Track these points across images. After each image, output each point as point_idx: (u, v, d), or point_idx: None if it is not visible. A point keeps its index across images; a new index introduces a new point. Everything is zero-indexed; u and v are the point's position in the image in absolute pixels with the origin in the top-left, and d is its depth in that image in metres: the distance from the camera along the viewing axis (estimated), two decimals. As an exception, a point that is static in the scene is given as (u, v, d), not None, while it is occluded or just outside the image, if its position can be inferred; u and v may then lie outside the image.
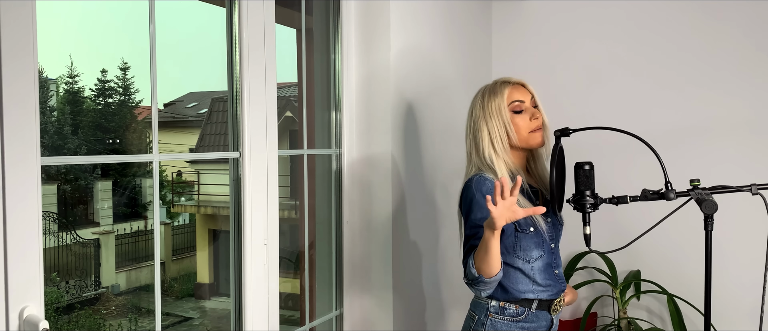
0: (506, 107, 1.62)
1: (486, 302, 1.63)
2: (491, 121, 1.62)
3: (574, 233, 2.14)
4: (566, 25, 2.82)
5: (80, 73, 13.26)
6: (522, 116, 1.62)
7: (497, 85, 1.66)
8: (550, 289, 1.64)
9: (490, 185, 1.58)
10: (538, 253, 1.62)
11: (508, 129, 1.61)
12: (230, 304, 1.76)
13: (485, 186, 1.57)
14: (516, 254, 1.61)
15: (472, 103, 1.71)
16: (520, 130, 1.62)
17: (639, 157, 2.54)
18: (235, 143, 1.73)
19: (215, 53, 16.45)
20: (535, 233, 1.61)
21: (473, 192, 1.58)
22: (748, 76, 2.47)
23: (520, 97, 1.63)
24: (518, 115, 1.62)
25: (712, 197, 1.44)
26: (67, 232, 9.58)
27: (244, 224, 1.70)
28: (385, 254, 2.15)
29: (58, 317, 8.36)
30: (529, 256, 1.61)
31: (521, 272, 1.61)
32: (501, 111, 1.62)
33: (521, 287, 1.61)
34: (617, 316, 2.60)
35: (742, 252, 2.46)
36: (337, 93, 2.18)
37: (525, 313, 1.62)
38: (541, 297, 1.62)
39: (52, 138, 10.81)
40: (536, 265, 1.61)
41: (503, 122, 1.61)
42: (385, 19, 2.12)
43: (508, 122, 1.61)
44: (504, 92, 1.63)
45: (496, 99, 1.63)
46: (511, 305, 1.61)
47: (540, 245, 1.62)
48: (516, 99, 1.62)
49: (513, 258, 1.61)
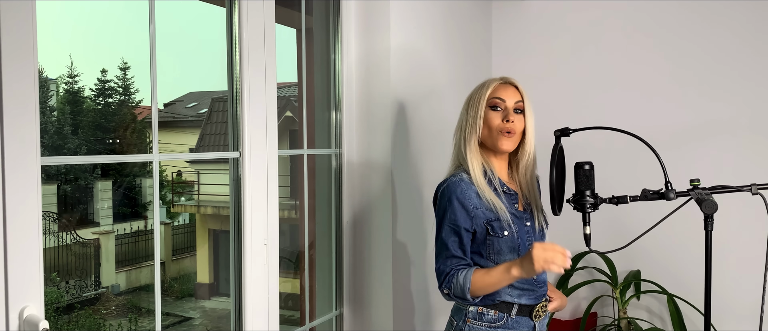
0: (485, 100, 1.59)
1: (465, 308, 1.61)
2: (469, 111, 1.61)
3: (574, 233, 2.14)
4: (566, 25, 2.82)
5: (80, 73, 13.28)
6: (497, 114, 1.59)
7: (489, 79, 1.64)
8: (528, 293, 1.60)
9: (464, 187, 1.56)
10: (513, 257, 1.57)
11: (479, 122, 1.58)
12: (230, 304, 1.76)
13: (459, 188, 1.56)
14: (489, 257, 1.58)
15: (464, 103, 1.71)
16: (491, 129, 1.59)
17: (639, 157, 2.54)
18: (235, 143, 1.73)
19: (215, 53, 16.46)
20: (509, 237, 1.57)
21: (449, 194, 1.57)
22: (748, 76, 2.47)
23: (502, 95, 1.59)
24: (493, 111, 1.59)
25: (712, 197, 1.44)
26: (67, 232, 9.59)
27: (244, 224, 1.70)
28: (385, 254, 2.15)
29: (58, 317, 8.36)
30: (502, 259, 1.56)
31: None
32: (479, 102, 1.59)
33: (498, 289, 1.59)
34: (617, 316, 2.60)
35: (742, 252, 2.46)
36: (337, 93, 2.18)
37: (504, 319, 1.58)
38: (520, 302, 1.59)
39: (52, 138, 10.81)
40: None
41: (476, 114, 1.59)
42: (385, 19, 2.12)
43: (481, 116, 1.58)
44: (490, 86, 1.61)
45: (480, 91, 1.61)
46: (489, 311, 1.58)
47: (515, 250, 1.58)
48: (497, 96, 1.59)
49: (486, 262, 1.58)
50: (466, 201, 1.55)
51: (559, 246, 1.36)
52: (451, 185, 1.58)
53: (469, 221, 1.56)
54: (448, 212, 1.56)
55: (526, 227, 1.63)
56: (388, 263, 2.15)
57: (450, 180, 1.60)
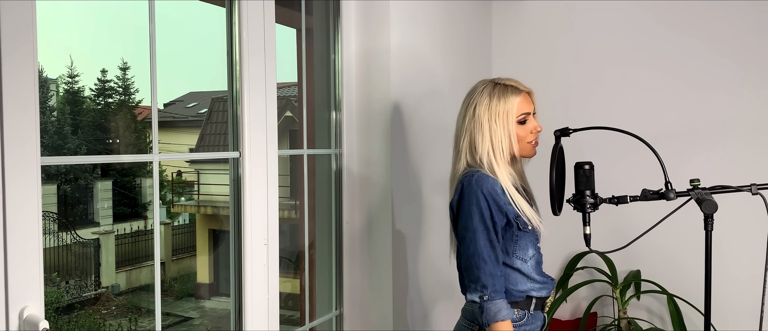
0: (514, 117, 1.58)
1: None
2: (495, 126, 1.58)
3: (574, 233, 2.15)
4: (566, 25, 2.82)
5: (80, 73, 13.29)
6: (525, 127, 1.60)
7: (508, 90, 1.59)
8: (546, 286, 1.64)
9: (492, 183, 1.53)
10: (533, 251, 1.61)
11: (512, 139, 1.58)
12: (230, 304, 1.76)
13: (488, 183, 1.53)
14: (515, 253, 1.59)
15: (473, 99, 1.62)
16: (521, 141, 1.60)
17: (639, 157, 2.54)
18: (235, 143, 1.73)
19: (215, 53, 16.47)
20: (532, 230, 1.60)
21: (479, 189, 1.52)
22: (749, 76, 2.47)
23: (528, 109, 1.60)
24: (521, 126, 1.60)
25: (712, 197, 1.44)
26: (67, 232, 9.59)
27: (244, 224, 1.70)
28: (385, 254, 2.15)
29: (58, 317, 8.36)
30: (526, 254, 1.60)
31: (520, 272, 1.59)
32: (508, 120, 1.57)
33: (522, 287, 1.60)
34: (617, 316, 2.60)
35: (742, 252, 2.46)
36: (337, 93, 2.18)
37: (525, 317, 1.60)
38: (539, 295, 1.62)
39: (52, 138, 10.82)
40: (531, 263, 1.61)
41: (508, 132, 1.58)
42: (385, 19, 2.12)
43: (513, 133, 1.58)
44: (514, 101, 1.58)
45: (504, 105, 1.58)
46: (513, 310, 1.59)
47: (534, 243, 1.62)
48: (524, 111, 1.59)
49: (512, 259, 1.59)
50: (497, 197, 1.53)
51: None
52: (481, 179, 1.54)
53: (502, 215, 1.54)
54: (482, 209, 1.52)
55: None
56: (388, 263, 2.15)
57: (477, 175, 1.55)
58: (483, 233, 1.52)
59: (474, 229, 1.52)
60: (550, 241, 2.08)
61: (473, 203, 1.53)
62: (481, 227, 1.52)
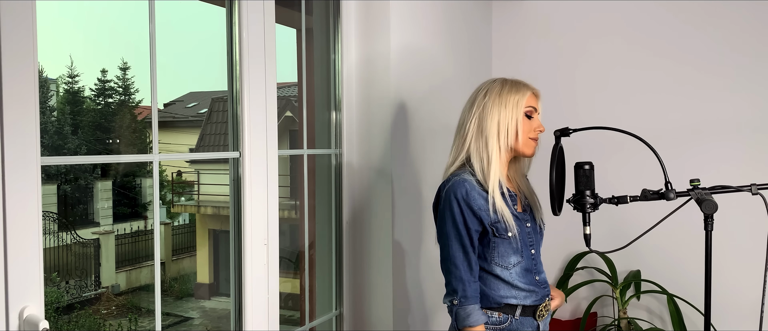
0: (523, 107, 1.60)
1: None
2: (505, 111, 1.59)
3: (574, 233, 2.15)
4: (566, 25, 2.82)
5: (80, 73, 13.30)
6: (530, 122, 1.62)
7: (519, 84, 1.63)
8: (533, 294, 1.61)
9: (468, 188, 1.55)
10: (517, 259, 1.58)
11: (518, 126, 1.59)
12: (230, 304, 1.76)
13: (463, 188, 1.55)
14: (494, 260, 1.58)
15: (484, 88, 1.64)
16: (524, 134, 1.61)
17: (639, 157, 2.54)
18: (235, 143, 1.73)
19: (215, 53, 16.47)
20: (513, 238, 1.57)
21: (453, 194, 1.55)
22: (749, 76, 2.47)
23: (535, 105, 1.63)
24: (527, 120, 1.61)
25: (712, 197, 1.44)
26: (67, 232, 9.59)
27: (244, 224, 1.70)
28: (385, 254, 2.15)
29: (58, 317, 8.37)
30: (507, 262, 1.58)
31: (499, 279, 1.58)
32: (518, 107, 1.59)
33: (503, 293, 1.58)
34: (617, 316, 2.60)
35: (742, 252, 2.46)
36: (337, 93, 2.18)
37: (508, 320, 1.58)
38: (524, 303, 1.59)
39: (52, 138, 10.82)
40: (514, 271, 1.58)
41: (516, 119, 1.59)
42: (385, 19, 2.12)
43: (520, 121, 1.59)
44: (525, 93, 1.61)
45: (516, 94, 1.60)
46: (493, 313, 1.58)
47: (518, 251, 1.59)
48: (532, 105, 1.62)
49: (491, 265, 1.58)
50: (472, 202, 1.55)
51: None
52: (456, 184, 1.57)
53: (476, 220, 1.55)
54: (454, 214, 1.55)
55: (527, 228, 1.63)
56: (387, 263, 2.15)
57: (454, 180, 1.58)
58: (455, 239, 1.56)
59: (447, 234, 1.58)
60: (550, 241, 2.08)
61: (447, 208, 1.57)
62: (454, 232, 1.56)
